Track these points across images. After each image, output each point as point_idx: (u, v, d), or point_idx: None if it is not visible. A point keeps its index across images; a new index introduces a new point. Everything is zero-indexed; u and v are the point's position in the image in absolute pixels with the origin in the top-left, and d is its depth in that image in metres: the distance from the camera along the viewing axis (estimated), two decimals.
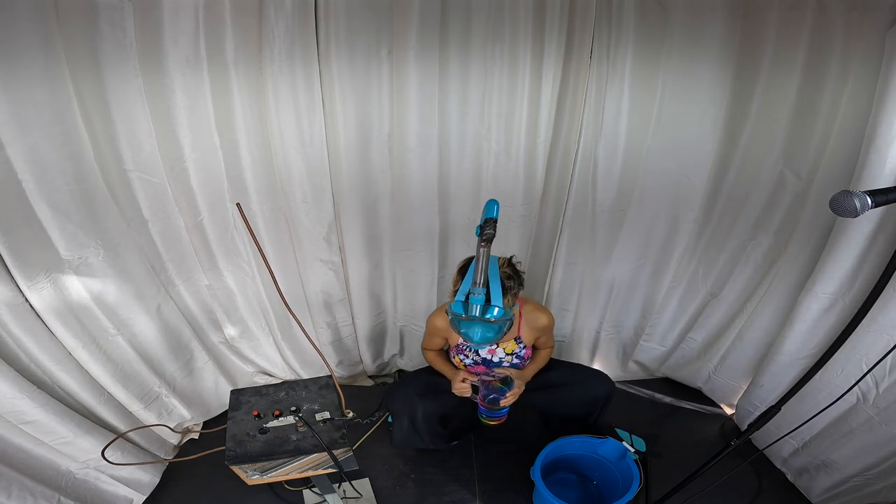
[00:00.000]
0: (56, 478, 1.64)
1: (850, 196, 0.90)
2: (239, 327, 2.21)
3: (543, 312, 1.79)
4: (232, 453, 1.35)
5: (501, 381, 1.70)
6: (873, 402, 1.56)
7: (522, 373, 1.81)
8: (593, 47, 1.63)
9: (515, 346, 1.82)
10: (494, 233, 1.19)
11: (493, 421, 1.79)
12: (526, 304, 1.79)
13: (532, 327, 1.80)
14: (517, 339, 1.81)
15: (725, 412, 2.32)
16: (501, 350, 1.82)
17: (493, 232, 1.19)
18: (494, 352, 1.83)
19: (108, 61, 1.41)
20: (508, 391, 1.68)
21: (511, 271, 1.54)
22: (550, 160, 1.84)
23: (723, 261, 1.98)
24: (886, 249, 1.40)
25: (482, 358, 1.85)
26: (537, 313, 1.78)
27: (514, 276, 1.54)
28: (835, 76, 1.46)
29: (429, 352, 1.94)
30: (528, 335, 1.82)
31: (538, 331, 1.81)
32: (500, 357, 1.84)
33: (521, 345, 1.82)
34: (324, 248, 1.98)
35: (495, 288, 1.41)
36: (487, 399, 1.70)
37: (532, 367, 1.86)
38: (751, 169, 1.74)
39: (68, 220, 1.43)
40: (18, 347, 1.46)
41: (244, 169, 1.73)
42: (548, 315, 1.79)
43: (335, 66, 1.57)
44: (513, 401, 1.72)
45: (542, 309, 1.81)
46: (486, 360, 1.85)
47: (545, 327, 1.80)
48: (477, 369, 1.86)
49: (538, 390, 1.89)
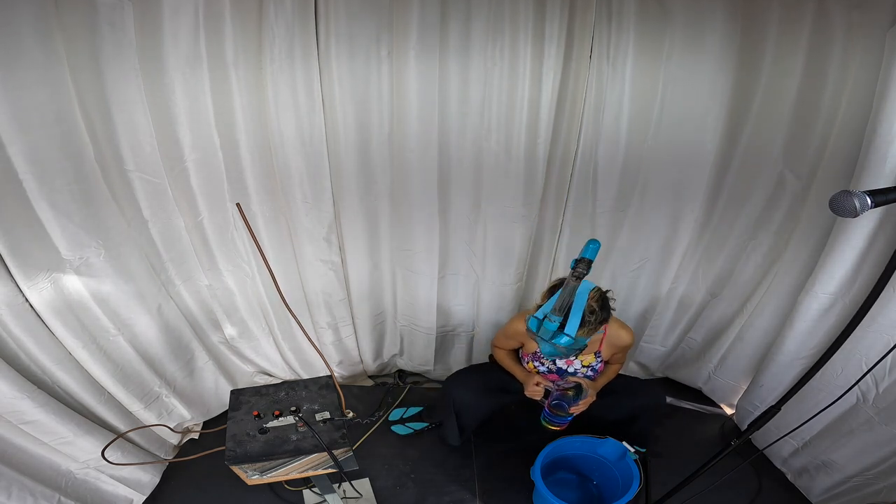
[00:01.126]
0: (56, 478, 1.64)
1: (849, 196, 0.90)
2: (239, 327, 2.21)
3: (627, 331, 1.79)
4: (232, 453, 1.35)
5: (574, 389, 1.71)
6: (873, 402, 1.56)
7: (594, 384, 1.81)
8: (593, 47, 1.63)
9: (594, 359, 1.82)
10: (586, 272, 1.25)
11: (555, 426, 1.78)
12: (612, 323, 1.75)
13: (613, 344, 1.80)
14: (597, 353, 1.82)
15: (725, 412, 2.32)
16: (579, 362, 1.83)
17: (585, 271, 1.25)
18: (572, 363, 1.83)
19: (108, 61, 1.41)
20: (580, 399, 1.69)
21: (597, 306, 1.50)
22: (550, 160, 1.84)
23: (723, 261, 1.98)
24: (886, 249, 1.40)
25: (557, 367, 1.85)
26: (621, 332, 1.78)
27: (598, 310, 1.50)
28: (835, 76, 1.46)
29: (500, 350, 1.96)
30: (608, 351, 1.82)
31: (618, 348, 1.82)
32: (577, 368, 1.84)
33: (598, 359, 1.83)
34: (324, 248, 1.98)
35: (574, 317, 1.42)
36: (555, 404, 1.71)
37: (602, 379, 1.86)
38: (751, 169, 1.74)
39: (69, 220, 1.43)
40: (18, 347, 1.46)
41: (244, 169, 1.73)
42: (630, 334, 1.79)
43: (335, 65, 1.57)
44: (583, 409, 1.72)
45: (626, 328, 1.80)
46: (560, 369, 1.85)
47: (626, 346, 1.81)
48: (550, 377, 1.85)
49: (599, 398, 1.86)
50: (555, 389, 1.73)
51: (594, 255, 1.25)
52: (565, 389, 1.71)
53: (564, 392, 1.70)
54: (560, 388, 1.72)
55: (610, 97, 1.70)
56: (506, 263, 2.09)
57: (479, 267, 2.14)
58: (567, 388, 1.71)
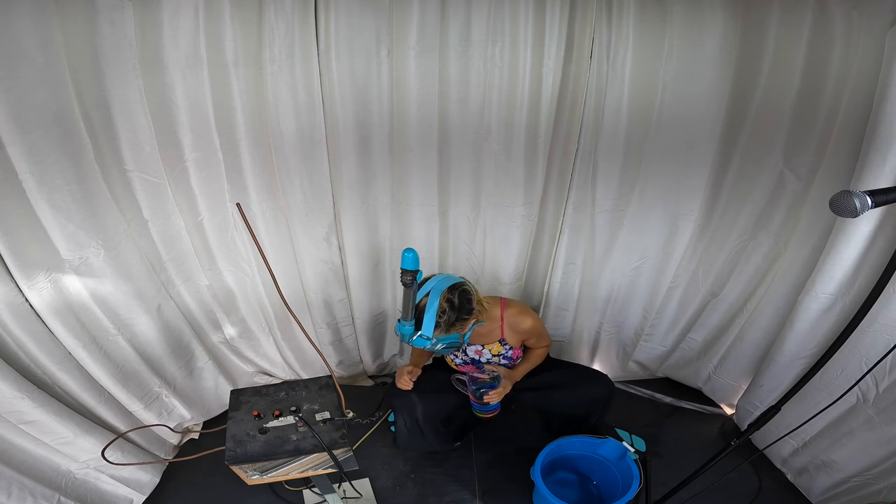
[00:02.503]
0: (56, 478, 1.64)
1: (850, 196, 0.90)
2: (239, 327, 2.21)
3: (527, 316, 1.79)
4: (232, 453, 1.35)
5: (492, 379, 1.75)
6: (873, 402, 1.56)
7: (512, 372, 1.84)
8: (593, 47, 1.63)
9: (501, 347, 1.84)
10: (411, 279, 1.30)
11: (485, 415, 1.84)
12: (508, 308, 1.80)
13: (515, 331, 1.81)
14: (501, 340, 1.83)
15: (725, 412, 2.32)
16: (488, 352, 1.85)
17: (410, 279, 1.30)
18: (481, 353, 1.86)
19: (108, 61, 1.41)
20: (495, 388, 1.74)
21: (448, 306, 1.52)
22: (550, 160, 1.84)
23: (723, 261, 1.98)
24: (886, 249, 1.40)
25: (471, 358, 1.88)
26: (520, 317, 1.79)
27: (448, 310, 1.52)
28: (835, 76, 1.46)
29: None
30: (513, 338, 1.83)
31: (522, 333, 1.82)
32: (488, 358, 1.86)
33: (506, 346, 1.84)
34: (324, 247, 1.98)
35: (429, 319, 1.48)
36: (476, 394, 1.76)
37: (524, 366, 1.88)
38: (751, 169, 1.74)
39: (69, 220, 1.43)
40: (18, 347, 1.46)
41: (244, 169, 1.73)
42: (531, 318, 1.80)
43: (335, 65, 1.57)
44: (497, 399, 1.76)
45: (526, 312, 1.81)
46: (474, 360, 1.89)
47: (528, 331, 1.81)
48: (466, 368, 1.90)
49: (536, 390, 1.90)
50: (468, 381, 1.78)
51: (410, 265, 1.29)
52: (480, 379, 1.76)
53: (479, 381, 1.76)
54: (474, 378, 1.77)
55: (609, 97, 1.70)
56: (505, 263, 2.09)
57: (478, 267, 2.14)
58: (482, 377, 1.76)
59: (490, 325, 1.78)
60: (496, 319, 1.79)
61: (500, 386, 1.75)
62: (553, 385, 1.90)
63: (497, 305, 1.80)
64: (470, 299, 1.58)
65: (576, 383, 1.90)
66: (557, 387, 1.90)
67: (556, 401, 1.91)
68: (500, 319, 1.80)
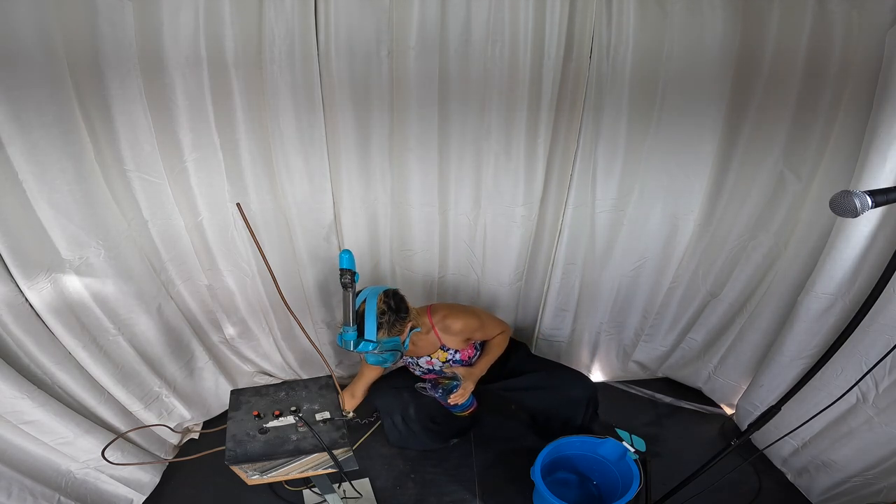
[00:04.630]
0: (56, 478, 1.64)
1: (850, 196, 0.90)
2: (239, 327, 2.21)
3: (454, 318, 1.76)
4: (232, 453, 1.35)
5: (452, 380, 1.81)
6: (873, 402, 1.56)
7: (472, 370, 1.83)
8: (593, 47, 1.63)
9: (445, 354, 1.83)
10: (350, 280, 1.34)
11: (461, 412, 1.89)
12: (435, 314, 1.78)
13: (450, 334, 1.79)
14: (443, 347, 1.82)
15: (725, 412, 2.32)
16: (437, 360, 1.85)
17: (349, 280, 1.34)
18: (432, 363, 1.87)
19: (108, 61, 1.41)
20: (455, 390, 1.77)
21: (386, 306, 1.54)
22: (550, 160, 1.84)
23: (723, 261, 1.98)
24: (886, 249, 1.40)
25: (426, 369, 1.90)
26: (448, 321, 1.76)
27: (388, 310, 1.54)
28: (835, 76, 1.46)
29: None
30: (452, 341, 1.81)
31: (459, 334, 1.79)
32: (439, 366, 1.86)
33: (450, 351, 1.83)
34: (324, 248, 1.98)
35: (370, 322, 1.48)
36: (442, 399, 1.82)
37: (484, 360, 1.86)
38: (751, 169, 1.74)
39: (69, 220, 1.43)
40: (18, 347, 1.46)
41: (244, 169, 1.73)
42: (460, 319, 1.77)
43: (335, 66, 1.57)
44: (462, 399, 1.77)
45: (453, 314, 1.78)
46: (430, 370, 1.89)
47: (461, 330, 1.78)
48: (429, 376, 1.94)
49: (516, 391, 1.91)
50: (429, 387, 1.88)
51: (347, 265, 1.31)
52: (440, 382, 1.81)
53: (440, 384, 1.82)
54: (434, 383, 1.84)
55: (609, 97, 1.70)
56: (505, 263, 2.09)
57: (478, 267, 2.14)
58: (442, 380, 1.81)
59: (427, 335, 1.77)
60: (429, 327, 1.77)
61: (458, 389, 1.76)
62: (533, 387, 1.90)
63: (425, 313, 1.78)
64: (404, 300, 1.61)
65: (555, 385, 1.91)
66: (537, 388, 1.90)
67: (535, 401, 1.92)
68: (432, 326, 1.78)
